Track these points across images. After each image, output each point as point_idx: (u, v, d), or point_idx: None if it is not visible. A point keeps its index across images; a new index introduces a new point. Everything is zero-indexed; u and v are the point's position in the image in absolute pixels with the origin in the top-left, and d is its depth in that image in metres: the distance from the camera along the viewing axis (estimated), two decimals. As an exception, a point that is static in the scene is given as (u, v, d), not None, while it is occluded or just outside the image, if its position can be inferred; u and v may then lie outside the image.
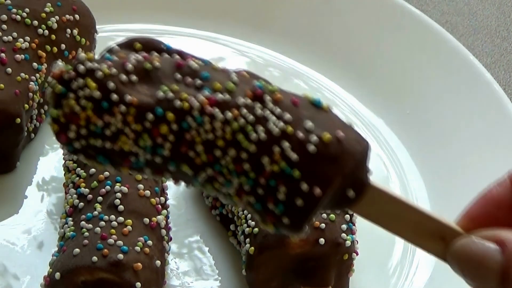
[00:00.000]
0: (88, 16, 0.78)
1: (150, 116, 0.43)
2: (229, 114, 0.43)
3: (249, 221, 0.60)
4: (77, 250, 0.57)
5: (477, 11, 0.97)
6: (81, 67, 0.43)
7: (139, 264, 0.57)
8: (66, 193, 0.64)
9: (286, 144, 0.42)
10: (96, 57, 0.44)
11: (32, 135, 0.73)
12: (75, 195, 0.62)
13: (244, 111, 0.43)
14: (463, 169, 0.72)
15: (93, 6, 0.79)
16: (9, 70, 0.69)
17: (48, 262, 0.59)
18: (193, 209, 0.69)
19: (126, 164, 0.44)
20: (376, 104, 0.80)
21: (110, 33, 0.85)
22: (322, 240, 0.59)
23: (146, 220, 0.60)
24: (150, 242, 0.59)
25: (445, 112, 0.77)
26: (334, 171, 0.42)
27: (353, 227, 0.61)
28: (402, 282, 0.65)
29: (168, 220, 0.64)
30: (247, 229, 0.60)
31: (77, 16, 0.76)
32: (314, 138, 0.43)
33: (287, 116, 0.43)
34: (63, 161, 0.66)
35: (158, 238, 0.60)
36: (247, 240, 0.60)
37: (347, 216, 0.61)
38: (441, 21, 0.92)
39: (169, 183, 0.67)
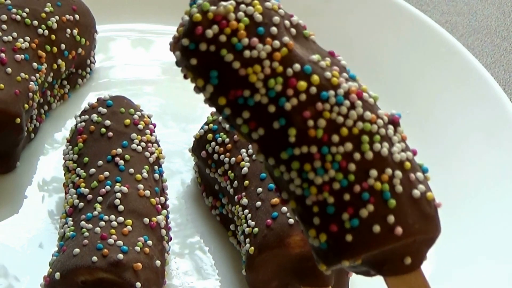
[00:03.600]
0: (88, 16, 0.78)
1: (297, 66, 0.42)
2: (368, 114, 0.43)
3: (249, 221, 0.60)
4: (77, 250, 0.57)
5: (477, 11, 0.97)
6: None
7: (139, 264, 0.57)
8: (66, 193, 0.64)
9: (398, 173, 0.43)
10: None
11: (32, 135, 0.73)
12: (75, 195, 0.62)
13: (380, 121, 0.44)
14: (463, 169, 0.72)
15: (93, 6, 0.79)
16: (9, 70, 0.69)
17: (48, 262, 0.59)
18: (193, 209, 0.69)
19: (233, 94, 0.42)
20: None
21: (110, 33, 0.85)
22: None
23: (146, 220, 0.60)
24: (150, 242, 0.59)
25: (445, 112, 0.77)
26: (421, 226, 0.43)
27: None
28: (402, 282, 0.65)
29: (168, 220, 0.64)
30: (247, 229, 0.60)
31: (77, 16, 0.76)
32: (421, 187, 0.44)
33: (409, 154, 0.44)
34: (63, 161, 0.66)
35: (158, 238, 0.60)
36: (247, 240, 0.60)
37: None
38: (441, 21, 0.92)
39: (169, 183, 0.67)
